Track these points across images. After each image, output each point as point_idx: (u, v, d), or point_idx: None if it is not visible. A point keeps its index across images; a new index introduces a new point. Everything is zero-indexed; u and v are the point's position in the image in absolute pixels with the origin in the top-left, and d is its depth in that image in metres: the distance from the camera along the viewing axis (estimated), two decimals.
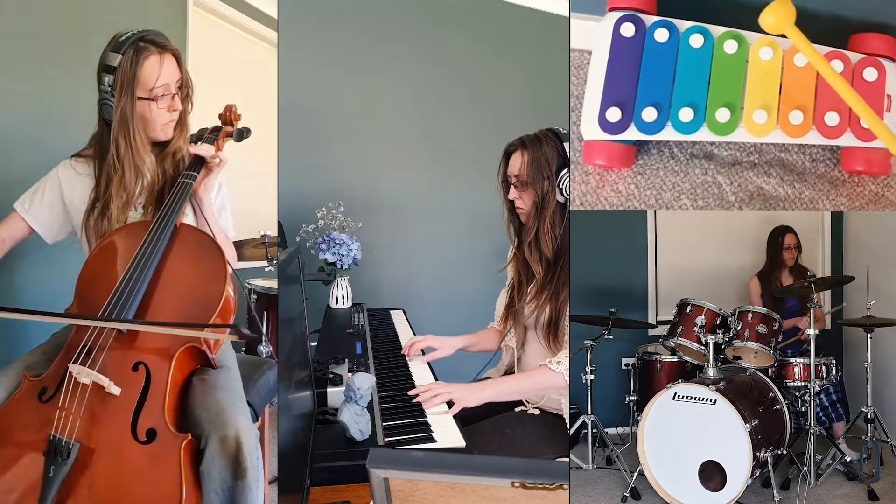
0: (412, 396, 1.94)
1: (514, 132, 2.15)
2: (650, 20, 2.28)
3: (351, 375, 1.71)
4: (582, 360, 3.16)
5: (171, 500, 1.39)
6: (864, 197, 2.34)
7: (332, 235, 3.15)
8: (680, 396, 2.71)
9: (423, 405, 1.89)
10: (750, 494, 2.73)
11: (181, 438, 1.45)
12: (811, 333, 2.96)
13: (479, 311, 2.65)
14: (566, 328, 2.05)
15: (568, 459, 2.43)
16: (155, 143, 1.88)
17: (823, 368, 3.07)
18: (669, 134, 2.24)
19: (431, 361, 2.34)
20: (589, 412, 3.15)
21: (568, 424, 2.11)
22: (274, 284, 3.09)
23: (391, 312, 3.19)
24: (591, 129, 2.27)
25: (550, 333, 2.05)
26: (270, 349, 2.91)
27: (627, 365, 3.55)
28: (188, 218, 1.87)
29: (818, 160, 2.39)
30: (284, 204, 3.30)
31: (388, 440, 1.70)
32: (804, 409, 3.04)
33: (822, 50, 2.22)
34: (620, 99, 2.25)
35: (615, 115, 2.24)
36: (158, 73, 1.79)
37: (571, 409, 2.86)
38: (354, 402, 1.64)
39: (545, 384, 2.01)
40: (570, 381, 2.00)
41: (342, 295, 3.20)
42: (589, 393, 3.17)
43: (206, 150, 1.85)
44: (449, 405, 1.91)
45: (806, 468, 2.90)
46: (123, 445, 1.44)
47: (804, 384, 3.04)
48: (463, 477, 0.91)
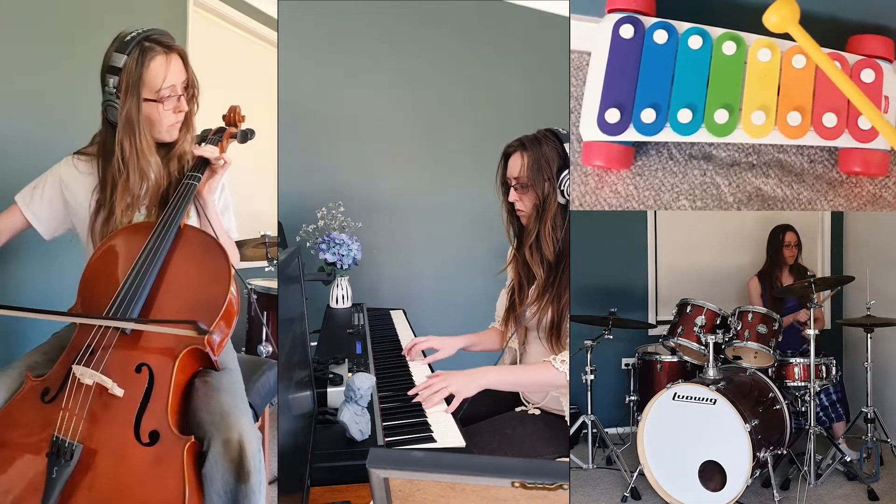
0: (412, 396, 1.94)
1: (513, 132, 2.15)
2: (649, 21, 2.28)
3: (351, 375, 1.71)
4: (582, 360, 3.17)
5: (173, 502, 1.39)
6: (861, 198, 2.35)
7: (332, 235, 3.15)
8: (680, 396, 2.71)
9: (423, 405, 1.89)
10: (750, 494, 2.73)
11: (184, 440, 1.45)
12: (811, 333, 2.96)
13: (479, 311, 2.65)
14: (567, 329, 2.05)
15: (568, 459, 2.43)
16: (160, 144, 1.86)
17: (823, 368, 3.07)
18: (668, 135, 2.24)
19: (432, 363, 2.34)
20: (589, 412, 3.15)
21: (568, 424, 2.11)
22: (274, 284, 3.09)
23: (391, 312, 3.19)
24: (590, 130, 2.27)
25: (553, 335, 2.04)
26: (270, 349, 2.91)
27: (627, 365, 3.56)
28: (192, 219, 1.87)
29: (816, 161, 2.39)
30: (284, 204, 3.30)
31: (388, 440, 1.70)
32: (804, 409, 3.04)
33: None
34: (619, 100, 2.25)
35: (614, 116, 2.24)
36: (165, 73, 1.77)
37: (571, 409, 2.86)
38: (354, 402, 1.64)
39: (547, 380, 2.01)
40: (570, 381, 2.00)
41: (342, 295, 3.20)
42: (589, 393, 3.17)
43: (210, 151, 1.84)
44: (448, 400, 1.91)
45: (806, 468, 2.90)
46: (126, 447, 1.44)
47: (804, 384, 3.05)
48: (463, 477, 0.91)
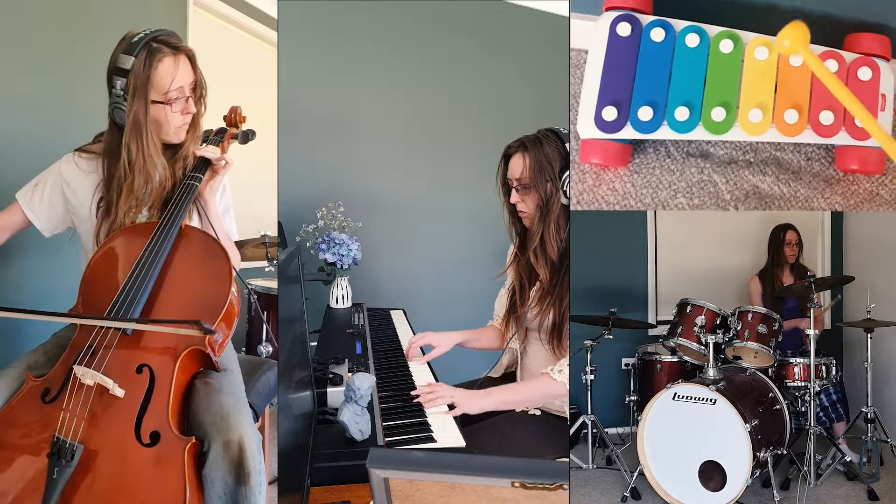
0: (412, 396, 1.94)
1: (514, 132, 2.14)
2: (646, 19, 2.28)
3: (351, 375, 1.71)
4: (582, 360, 3.17)
5: (173, 503, 1.39)
6: (858, 195, 2.35)
7: (332, 235, 3.15)
8: (680, 396, 2.71)
9: (423, 405, 1.89)
10: (750, 494, 2.73)
11: (185, 441, 1.45)
12: (811, 333, 2.96)
13: (479, 311, 2.65)
14: (568, 331, 2.05)
15: (568, 459, 2.43)
16: (166, 145, 1.84)
17: (823, 368, 3.08)
18: (665, 133, 2.24)
19: (431, 361, 2.34)
20: (589, 412, 3.15)
21: (568, 425, 2.11)
22: (274, 284, 3.09)
23: (391, 312, 3.19)
24: (587, 127, 2.27)
25: (554, 338, 2.03)
26: (270, 349, 2.91)
27: (627, 365, 3.56)
28: (193, 221, 1.86)
29: (813, 159, 2.39)
30: (284, 204, 3.30)
31: (388, 440, 1.70)
32: (804, 409, 3.04)
33: (817, 50, 2.22)
34: (617, 98, 2.25)
35: (611, 113, 2.24)
36: (173, 75, 1.75)
37: (571, 409, 2.86)
38: (354, 402, 1.64)
39: (547, 392, 2.00)
40: (570, 380, 2.00)
41: (342, 295, 3.20)
42: (589, 393, 3.17)
43: (211, 152, 1.83)
44: (450, 408, 1.90)
45: (806, 468, 2.90)
46: (127, 448, 1.44)
47: (804, 384, 3.05)
48: (463, 477, 0.91)
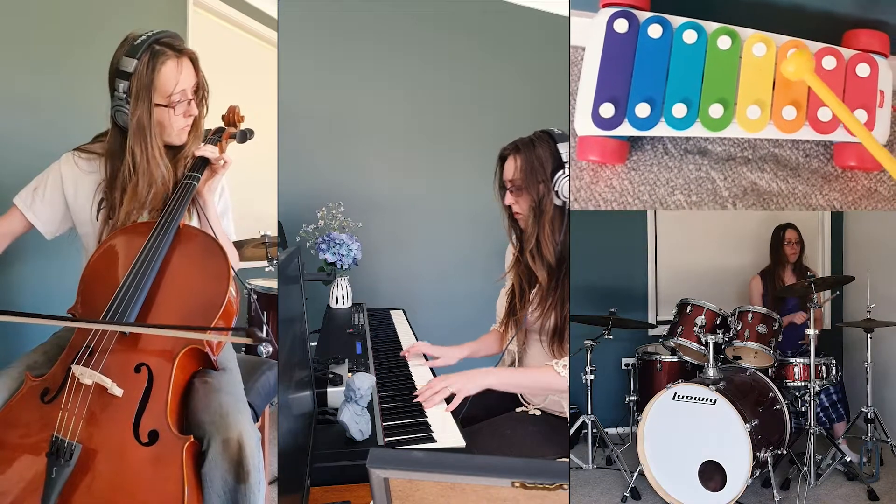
0: (412, 396, 1.94)
1: (513, 132, 2.14)
2: (644, 16, 2.28)
3: (351, 375, 1.71)
4: (582, 360, 3.17)
5: (173, 502, 1.39)
6: (857, 192, 2.35)
7: (332, 235, 3.15)
8: (680, 396, 2.71)
9: (424, 405, 1.89)
10: (750, 494, 2.73)
11: (183, 440, 1.45)
12: (811, 333, 2.96)
13: (479, 311, 2.65)
14: (568, 334, 2.05)
15: (568, 459, 2.43)
16: (168, 147, 1.84)
17: (823, 368, 3.07)
18: (663, 130, 2.24)
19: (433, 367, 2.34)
20: (589, 412, 3.15)
21: (568, 425, 2.11)
22: (274, 284, 3.08)
23: (391, 312, 3.19)
24: (584, 124, 2.27)
25: (556, 341, 2.04)
26: (270, 349, 2.90)
27: (627, 365, 3.55)
28: (192, 221, 1.86)
29: (811, 155, 2.39)
30: (284, 204, 3.30)
31: (388, 440, 1.70)
32: (804, 409, 3.04)
33: (815, 46, 2.23)
34: (614, 95, 2.25)
35: (608, 110, 2.24)
36: (177, 78, 1.75)
37: (571, 409, 2.86)
38: (354, 402, 1.64)
39: (547, 384, 2.01)
40: (570, 381, 2.00)
41: (342, 295, 3.20)
42: (589, 393, 3.16)
43: (210, 151, 1.83)
44: (448, 401, 1.91)
45: (806, 468, 2.90)
46: (125, 447, 1.44)
47: (804, 384, 3.04)
48: (463, 477, 0.91)
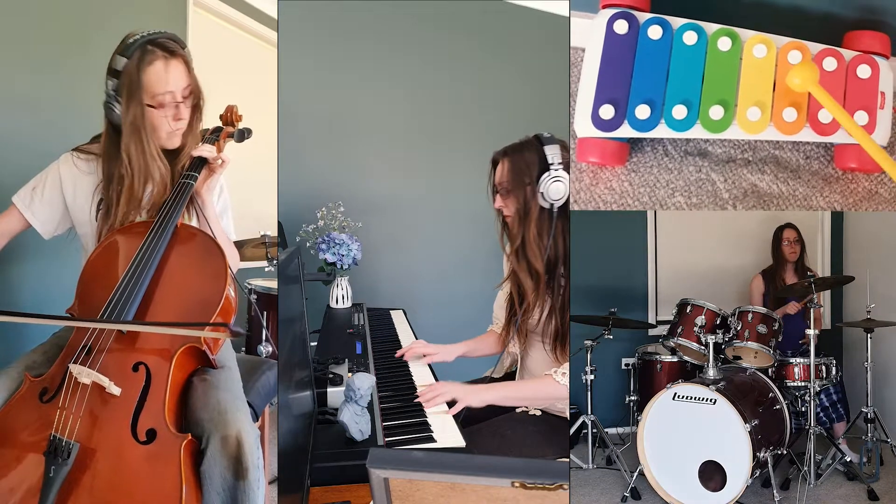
0: (412, 396, 1.94)
1: (513, 132, 2.14)
2: (644, 17, 2.28)
3: (351, 375, 1.71)
4: (582, 360, 3.16)
5: (171, 500, 1.39)
6: (857, 194, 2.35)
7: (332, 235, 3.15)
8: (680, 396, 2.71)
9: (424, 405, 1.89)
10: (750, 494, 2.73)
11: (181, 438, 1.45)
12: (811, 333, 2.96)
13: (479, 311, 2.65)
14: (568, 338, 2.05)
15: (568, 459, 2.42)
16: (167, 151, 1.83)
17: (823, 368, 3.07)
18: (663, 131, 2.24)
19: (432, 362, 2.34)
20: (589, 412, 3.15)
21: (568, 425, 2.11)
22: (274, 284, 3.08)
23: (391, 312, 3.19)
24: (584, 126, 2.27)
25: (558, 346, 2.04)
26: (270, 349, 2.90)
27: (627, 365, 3.55)
28: (192, 221, 1.86)
29: (812, 157, 2.39)
30: (284, 204, 3.29)
31: (388, 440, 1.69)
32: (804, 409, 3.04)
33: (815, 47, 2.23)
34: (614, 96, 2.25)
35: (608, 112, 2.23)
36: (164, 79, 1.74)
37: (571, 409, 2.86)
38: (354, 402, 1.64)
39: (548, 394, 2.01)
40: (570, 380, 2.00)
41: (342, 295, 3.20)
42: (589, 393, 3.16)
43: (207, 150, 1.82)
44: (451, 405, 1.91)
45: (806, 468, 2.89)
46: (123, 446, 1.44)
47: (804, 384, 3.04)
48: (463, 477, 0.91)
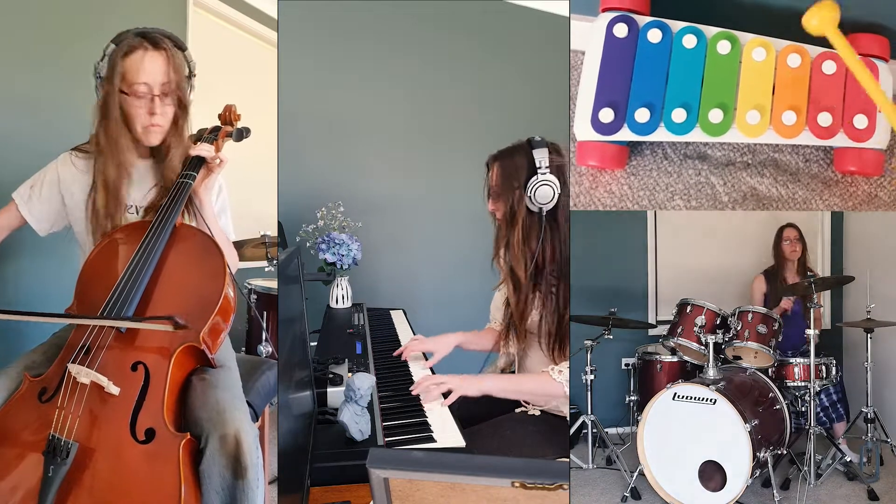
0: (412, 396, 1.94)
1: (514, 132, 2.14)
2: (643, 20, 2.28)
3: (351, 375, 1.71)
4: (582, 360, 3.16)
5: (170, 499, 1.39)
6: (857, 197, 2.35)
7: (332, 235, 3.15)
8: (680, 396, 2.71)
9: (421, 398, 1.89)
10: (750, 494, 2.73)
11: (180, 438, 1.45)
12: (811, 333, 2.96)
13: (479, 311, 2.64)
14: (569, 339, 2.05)
15: (568, 459, 2.42)
16: (153, 149, 1.84)
17: (823, 368, 3.07)
18: (662, 135, 2.24)
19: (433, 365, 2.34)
20: (589, 412, 3.15)
21: (568, 425, 2.11)
22: (274, 284, 3.08)
23: (391, 312, 3.19)
24: (583, 129, 2.27)
25: (555, 347, 2.04)
26: (270, 349, 2.90)
27: (627, 365, 3.55)
28: (192, 221, 1.86)
29: (811, 160, 2.39)
30: (284, 204, 3.29)
31: (388, 440, 1.69)
32: (804, 409, 3.04)
33: (815, 50, 2.22)
34: (613, 99, 2.25)
35: (608, 115, 2.23)
36: (140, 69, 1.73)
37: (571, 409, 2.86)
38: (354, 402, 1.64)
39: (545, 390, 2.01)
40: (570, 380, 2.00)
41: (342, 295, 3.19)
42: (589, 393, 3.16)
43: (205, 150, 1.82)
44: (446, 396, 1.91)
45: (806, 468, 2.89)
46: (122, 445, 1.44)
47: (804, 384, 3.04)
48: (463, 477, 0.91)
